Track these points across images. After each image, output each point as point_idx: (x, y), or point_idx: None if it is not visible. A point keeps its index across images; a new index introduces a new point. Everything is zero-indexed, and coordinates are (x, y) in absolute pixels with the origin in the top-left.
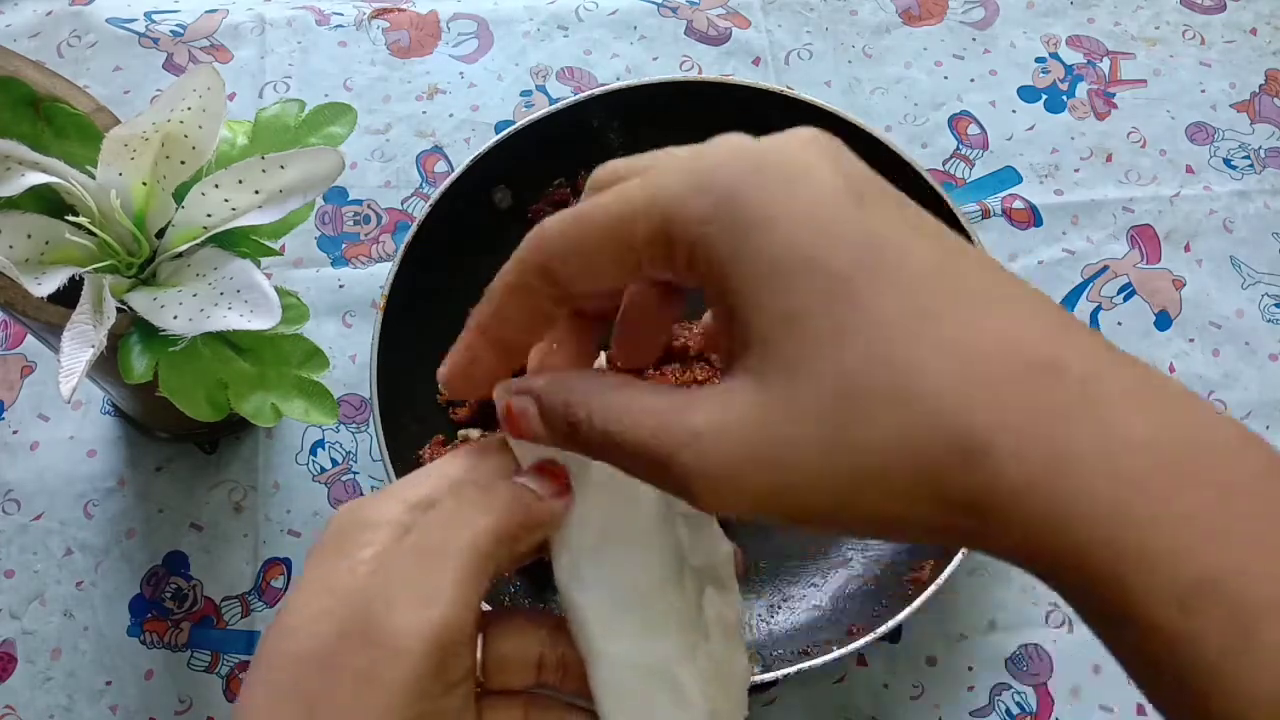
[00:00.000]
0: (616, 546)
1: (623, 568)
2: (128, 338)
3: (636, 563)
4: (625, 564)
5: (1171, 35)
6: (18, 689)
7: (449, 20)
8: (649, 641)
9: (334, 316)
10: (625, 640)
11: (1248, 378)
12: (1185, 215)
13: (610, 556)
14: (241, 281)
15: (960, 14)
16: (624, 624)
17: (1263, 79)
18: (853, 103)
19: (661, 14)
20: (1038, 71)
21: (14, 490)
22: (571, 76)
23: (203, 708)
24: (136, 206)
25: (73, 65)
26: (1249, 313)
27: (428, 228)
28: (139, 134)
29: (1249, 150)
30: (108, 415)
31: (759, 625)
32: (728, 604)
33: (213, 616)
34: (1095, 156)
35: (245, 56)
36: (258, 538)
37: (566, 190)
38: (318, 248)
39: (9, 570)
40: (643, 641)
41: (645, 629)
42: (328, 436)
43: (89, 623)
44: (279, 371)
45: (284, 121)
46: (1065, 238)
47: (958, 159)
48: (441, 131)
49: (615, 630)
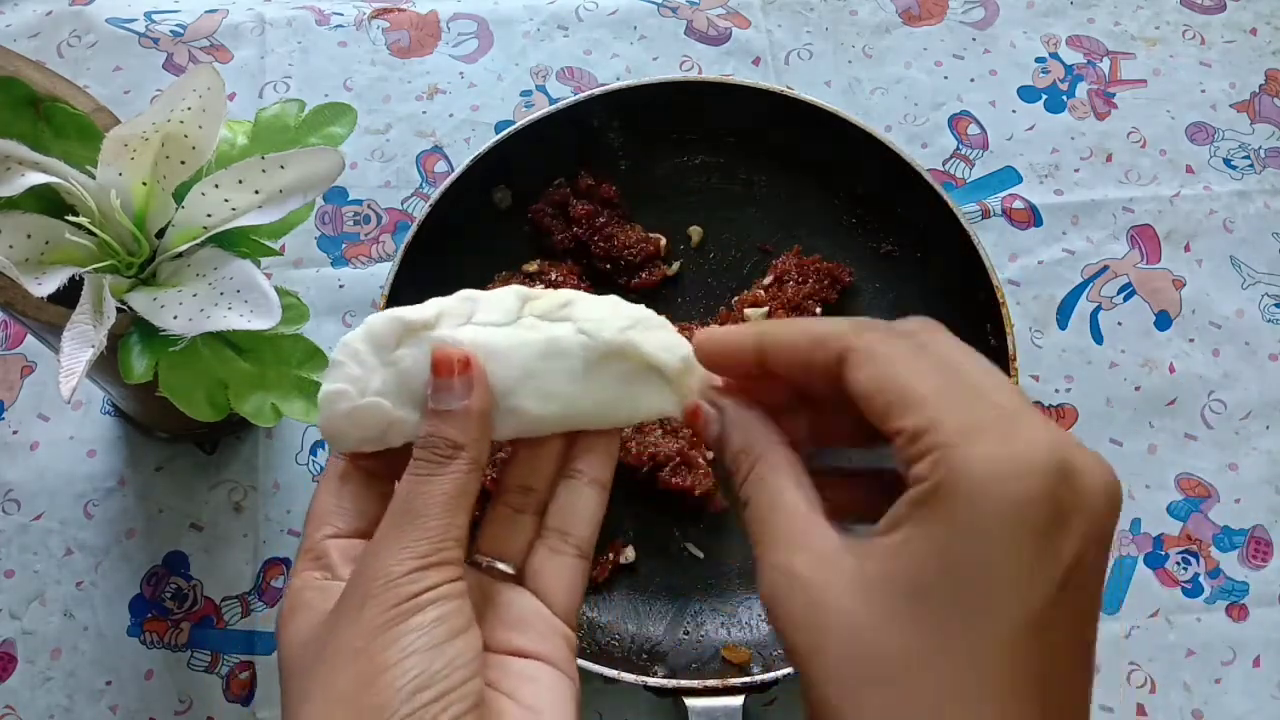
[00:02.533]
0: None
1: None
2: (128, 338)
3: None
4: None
5: (1171, 35)
6: (18, 689)
7: (449, 20)
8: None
9: (334, 316)
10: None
11: (1248, 378)
12: (1185, 215)
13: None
14: (241, 281)
15: (960, 14)
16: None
17: (1263, 79)
18: (853, 103)
19: (661, 14)
20: (1038, 71)
21: (14, 490)
22: (571, 76)
23: (203, 708)
24: (136, 206)
25: (73, 65)
26: (1249, 313)
27: (428, 228)
28: (139, 134)
29: (1249, 150)
30: (108, 415)
31: (759, 625)
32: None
33: (213, 616)
34: (1095, 156)
35: (245, 56)
36: (258, 538)
37: (566, 190)
38: (318, 248)
39: (9, 570)
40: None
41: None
42: None
43: (89, 623)
44: (279, 371)
45: (284, 121)
46: (1065, 238)
47: (958, 159)
48: (441, 131)
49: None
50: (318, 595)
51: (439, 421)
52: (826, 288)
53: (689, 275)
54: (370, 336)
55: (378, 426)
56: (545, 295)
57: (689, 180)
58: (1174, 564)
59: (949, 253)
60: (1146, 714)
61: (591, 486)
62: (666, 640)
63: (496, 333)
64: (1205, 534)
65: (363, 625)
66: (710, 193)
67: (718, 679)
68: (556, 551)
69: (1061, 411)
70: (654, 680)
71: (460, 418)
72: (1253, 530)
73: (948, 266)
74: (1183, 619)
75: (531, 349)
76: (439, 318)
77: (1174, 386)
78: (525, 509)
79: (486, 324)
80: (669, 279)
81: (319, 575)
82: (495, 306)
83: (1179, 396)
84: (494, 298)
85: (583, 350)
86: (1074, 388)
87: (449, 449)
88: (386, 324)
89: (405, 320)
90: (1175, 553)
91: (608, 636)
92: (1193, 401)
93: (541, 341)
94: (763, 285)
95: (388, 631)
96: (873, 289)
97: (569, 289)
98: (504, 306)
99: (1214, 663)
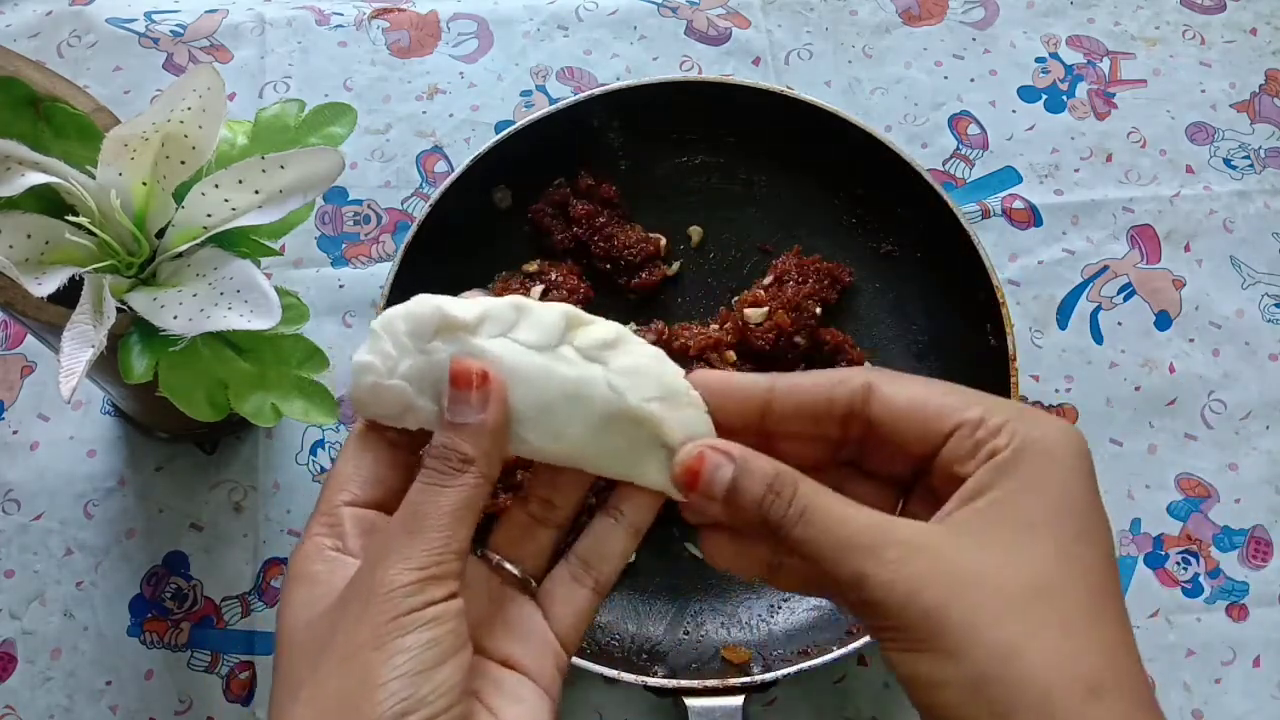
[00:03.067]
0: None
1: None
2: (128, 338)
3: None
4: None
5: (1171, 35)
6: (18, 689)
7: (449, 20)
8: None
9: (334, 316)
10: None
11: (1248, 378)
12: (1185, 215)
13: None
14: (241, 281)
15: (960, 14)
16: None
17: (1263, 79)
18: (853, 103)
19: (661, 14)
20: (1038, 71)
21: (14, 490)
22: (571, 76)
23: (203, 708)
24: (136, 206)
25: (73, 65)
26: (1249, 313)
27: (428, 228)
28: (139, 134)
29: (1249, 150)
30: (108, 415)
31: (759, 625)
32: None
33: (213, 616)
34: (1095, 156)
35: (245, 56)
36: (258, 538)
37: (566, 190)
38: (318, 248)
39: (9, 570)
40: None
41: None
42: (328, 436)
43: (89, 623)
44: (279, 371)
45: (284, 121)
46: (1065, 238)
47: (958, 159)
48: (441, 131)
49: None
50: (325, 569)
51: (452, 433)
52: (826, 288)
53: (689, 275)
54: (411, 319)
55: (397, 407)
56: (594, 326)
57: (689, 180)
58: (1174, 564)
59: (949, 253)
60: None
61: (628, 531)
62: (666, 640)
63: (531, 357)
64: (1205, 534)
65: (359, 635)
66: (710, 193)
67: (718, 679)
68: (576, 580)
69: (1061, 411)
70: (654, 680)
71: (474, 431)
72: (1253, 530)
73: (948, 266)
74: (1183, 619)
75: (558, 387)
76: (481, 321)
77: (1174, 386)
78: (545, 522)
79: (525, 344)
80: (669, 279)
81: (329, 543)
82: (539, 325)
83: (1179, 396)
84: (541, 315)
85: (605, 405)
86: (1074, 388)
87: (460, 461)
88: (431, 313)
89: (448, 316)
90: (1175, 553)
91: (608, 636)
92: (1193, 401)
93: (570, 381)
94: (763, 285)
95: (381, 647)
96: (873, 289)
97: (618, 324)
98: (548, 327)
99: (1214, 663)
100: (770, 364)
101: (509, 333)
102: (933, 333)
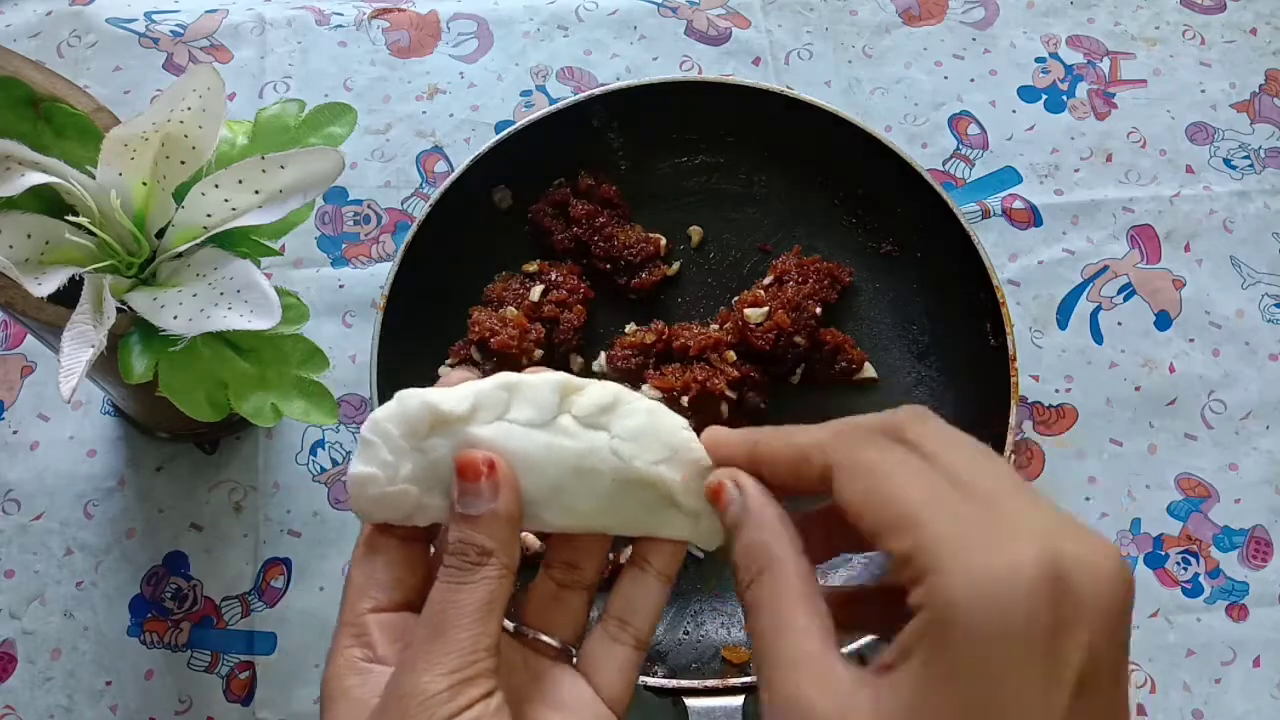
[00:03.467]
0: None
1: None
2: (128, 338)
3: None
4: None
5: (1171, 35)
6: (18, 689)
7: (449, 20)
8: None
9: (334, 316)
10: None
11: (1248, 378)
12: (1185, 215)
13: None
14: (241, 281)
15: (960, 14)
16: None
17: (1263, 79)
18: (853, 103)
19: (661, 14)
20: (1038, 71)
21: (14, 490)
22: (571, 76)
23: (203, 708)
24: (136, 206)
25: (73, 65)
26: (1249, 313)
27: (428, 228)
28: (139, 134)
29: (1249, 150)
30: (108, 415)
31: None
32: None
33: (213, 616)
34: (1095, 156)
35: (245, 56)
36: (258, 538)
37: (566, 190)
38: (318, 248)
39: (9, 570)
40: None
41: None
42: (328, 436)
43: (89, 623)
44: (279, 371)
45: (284, 121)
46: (1065, 238)
47: (958, 159)
48: (441, 131)
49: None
50: (359, 682)
51: (467, 527)
52: (826, 288)
53: (689, 275)
54: (402, 420)
55: (405, 509)
56: (586, 390)
57: (689, 180)
58: (1174, 564)
59: (949, 253)
60: (1146, 714)
61: (658, 579)
62: (666, 640)
63: (533, 436)
64: (1205, 534)
65: None
66: (710, 193)
67: (718, 679)
68: (615, 640)
69: (1061, 411)
70: (654, 680)
71: (488, 522)
72: (1253, 530)
73: (948, 266)
74: (1183, 619)
75: (564, 464)
76: (474, 412)
77: (1174, 386)
78: (572, 585)
79: (523, 423)
80: (669, 279)
81: (360, 654)
82: (532, 401)
83: (1179, 396)
84: (532, 389)
85: (614, 474)
86: (1074, 388)
87: (478, 554)
88: (420, 410)
89: (439, 411)
90: (1175, 553)
91: None
92: (1193, 401)
93: (576, 455)
94: (763, 285)
95: None
96: (873, 289)
97: (611, 384)
98: (542, 402)
99: (1214, 663)
100: (770, 364)
101: (504, 415)
102: (933, 333)
